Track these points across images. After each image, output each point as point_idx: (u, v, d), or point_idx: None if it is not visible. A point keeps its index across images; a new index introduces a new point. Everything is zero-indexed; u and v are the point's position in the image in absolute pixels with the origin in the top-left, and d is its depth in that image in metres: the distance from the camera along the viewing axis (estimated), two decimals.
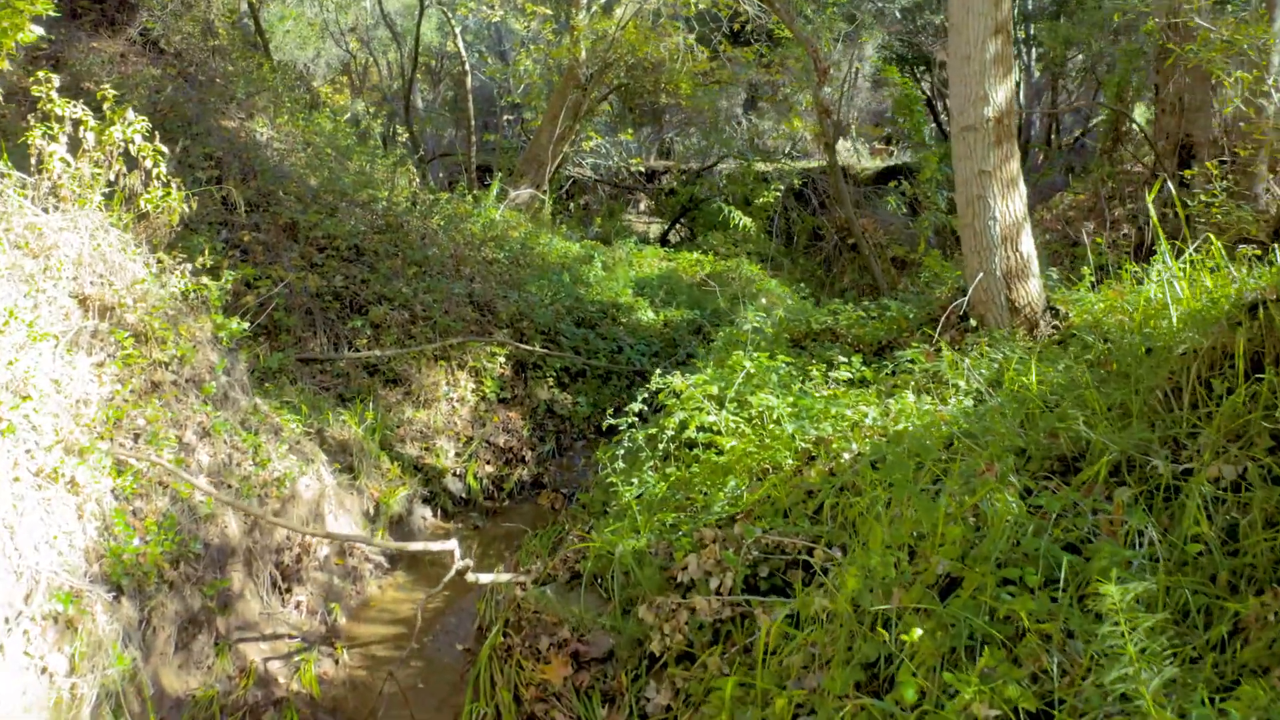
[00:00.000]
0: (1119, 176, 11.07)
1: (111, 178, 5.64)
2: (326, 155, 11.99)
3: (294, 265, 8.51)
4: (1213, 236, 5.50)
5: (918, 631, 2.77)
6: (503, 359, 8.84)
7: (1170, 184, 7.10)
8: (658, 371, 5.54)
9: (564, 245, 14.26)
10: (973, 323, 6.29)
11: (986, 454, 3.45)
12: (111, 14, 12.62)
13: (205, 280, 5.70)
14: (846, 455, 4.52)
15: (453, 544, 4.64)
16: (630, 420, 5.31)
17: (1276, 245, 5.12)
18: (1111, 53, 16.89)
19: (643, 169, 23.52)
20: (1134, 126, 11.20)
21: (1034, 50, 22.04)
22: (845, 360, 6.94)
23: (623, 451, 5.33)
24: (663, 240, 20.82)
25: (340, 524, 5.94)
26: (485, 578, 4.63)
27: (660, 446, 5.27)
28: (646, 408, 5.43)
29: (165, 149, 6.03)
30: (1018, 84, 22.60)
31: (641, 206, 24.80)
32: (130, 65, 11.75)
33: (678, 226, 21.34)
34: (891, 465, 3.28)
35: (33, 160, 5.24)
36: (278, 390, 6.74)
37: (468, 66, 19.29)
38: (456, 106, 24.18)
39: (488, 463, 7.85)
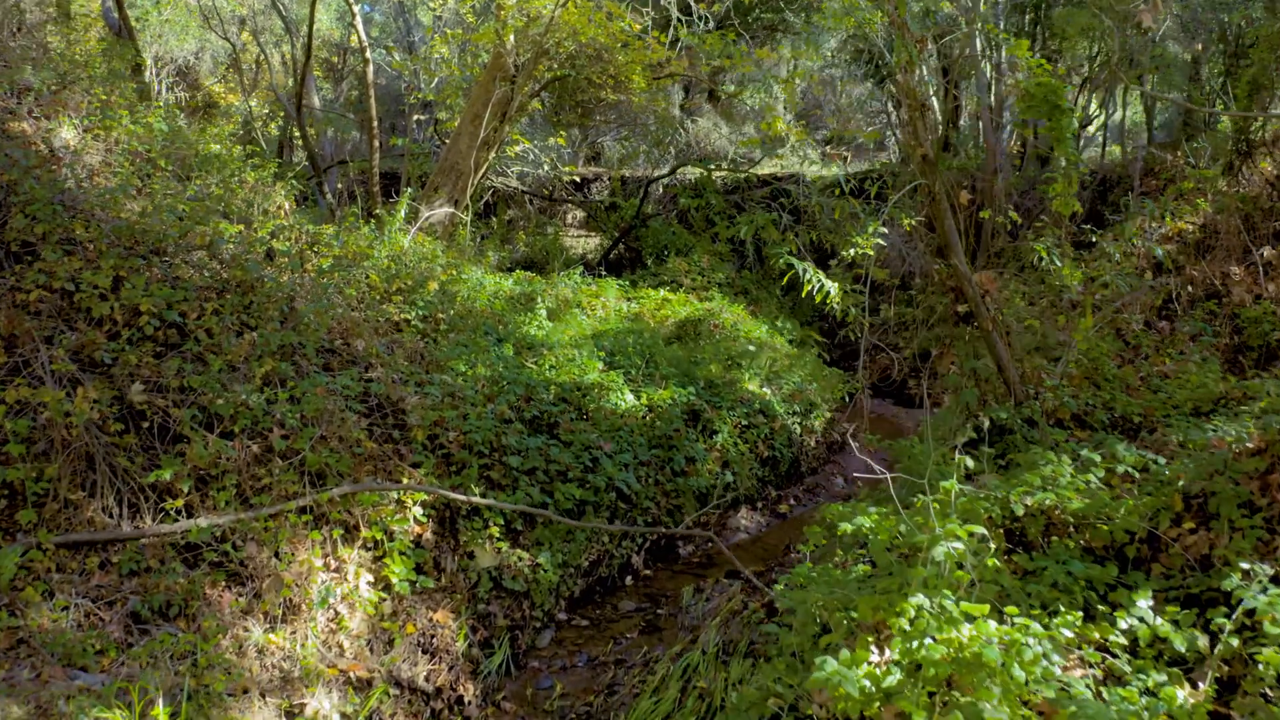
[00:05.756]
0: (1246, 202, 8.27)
1: None
2: (160, 169, 8.36)
3: (60, 370, 5.00)
4: None
5: None
6: (419, 510, 5.47)
7: None
8: None
9: (494, 283, 10.91)
10: None
11: None
12: None
13: None
14: None
15: None
16: None
17: None
18: (1137, 44, 14.23)
19: (576, 178, 20.21)
20: (1263, 133, 8.46)
21: (1002, 49, 19.08)
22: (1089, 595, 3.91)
23: None
24: (603, 261, 17.57)
25: None
26: None
27: None
28: None
29: None
30: (989, 83, 19.54)
31: (570, 219, 21.42)
32: None
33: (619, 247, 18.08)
34: None
35: None
36: None
37: (369, 56, 15.65)
38: (360, 106, 20.42)
39: None
